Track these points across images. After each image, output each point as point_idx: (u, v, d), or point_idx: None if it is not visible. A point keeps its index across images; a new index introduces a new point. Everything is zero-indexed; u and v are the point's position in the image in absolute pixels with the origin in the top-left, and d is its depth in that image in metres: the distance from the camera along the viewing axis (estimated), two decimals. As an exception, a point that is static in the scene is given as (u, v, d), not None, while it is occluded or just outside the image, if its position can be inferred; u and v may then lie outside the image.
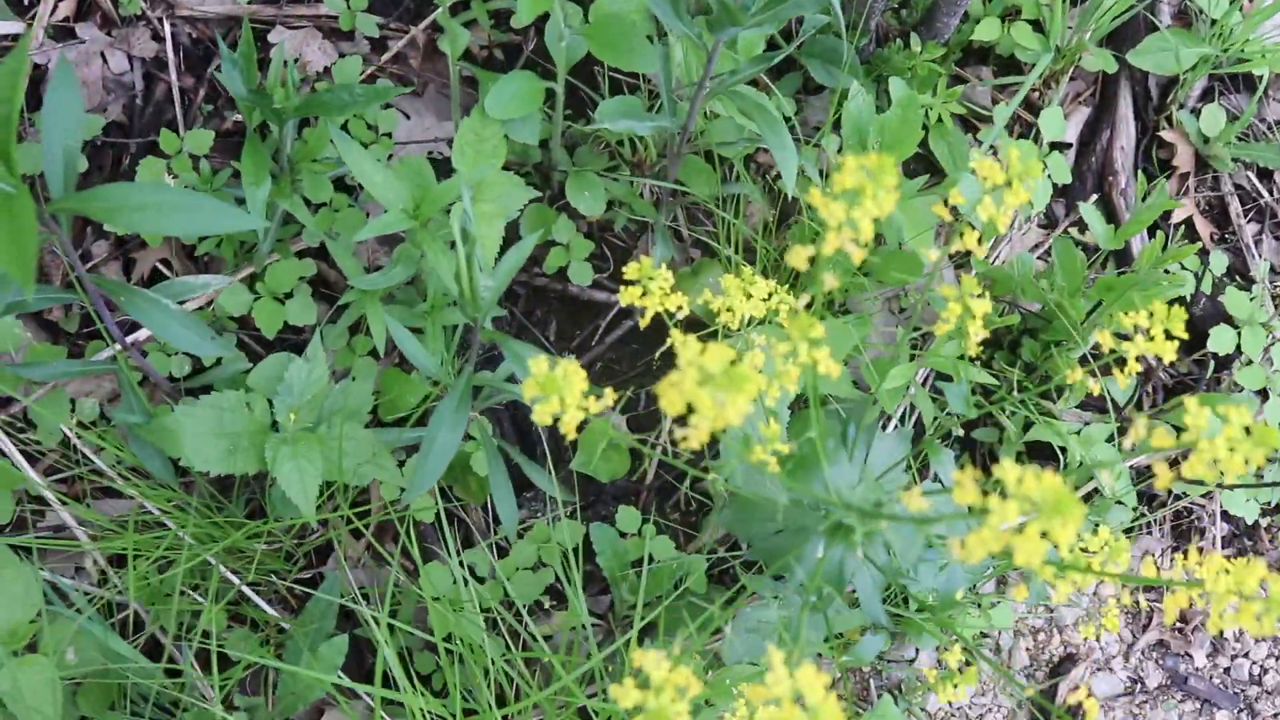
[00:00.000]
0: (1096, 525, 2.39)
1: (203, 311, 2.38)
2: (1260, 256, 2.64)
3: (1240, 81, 2.74)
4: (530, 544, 2.34)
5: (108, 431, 2.24)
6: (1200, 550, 2.53)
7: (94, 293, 1.93)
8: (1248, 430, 1.26)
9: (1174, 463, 2.51)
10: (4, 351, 2.25)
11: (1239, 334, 2.46)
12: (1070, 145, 2.69)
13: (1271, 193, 2.70)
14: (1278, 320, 2.51)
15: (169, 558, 2.14)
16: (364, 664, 2.31)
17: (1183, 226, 2.67)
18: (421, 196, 2.12)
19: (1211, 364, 2.53)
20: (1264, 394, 2.49)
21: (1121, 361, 1.48)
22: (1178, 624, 2.54)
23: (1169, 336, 1.53)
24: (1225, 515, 2.58)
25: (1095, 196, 2.64)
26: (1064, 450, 2.37)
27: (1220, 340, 2.45)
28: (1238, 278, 2.63)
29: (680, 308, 1.58)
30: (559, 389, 1.32)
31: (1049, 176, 2.54)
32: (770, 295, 1.74)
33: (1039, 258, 2.60)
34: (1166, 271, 2.45)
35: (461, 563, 2.28)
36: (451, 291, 2.07)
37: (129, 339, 2.26)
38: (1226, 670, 2.57)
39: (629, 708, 1.28)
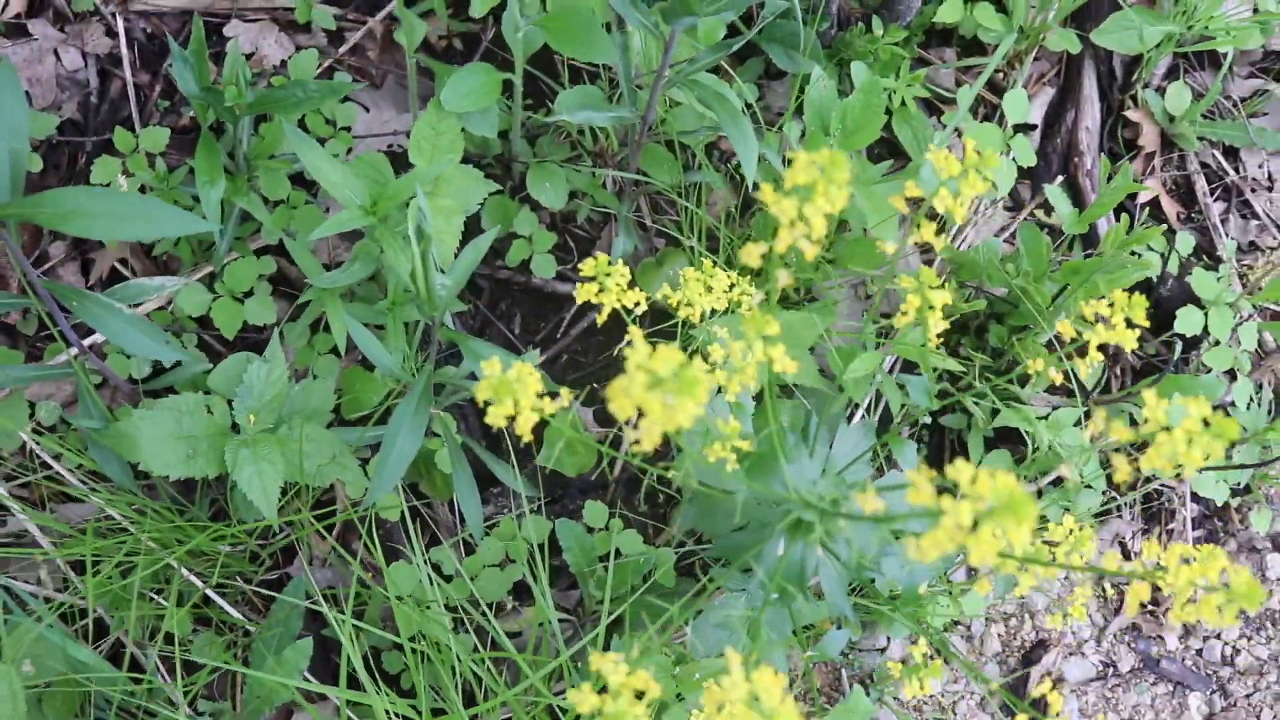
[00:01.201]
0: (1067, 509, 2.39)
1: (161, 313, 2.35)
2: (1227, 235, 2.63)
3: (1205, 59, 2.73)
4: (497, 541, 2.32)
5: (68, 436, 2.21)
6: (1170, 533, 2.53)
7: (48, 297, 1.90)
8: (1206, 423, 1.25)
9: (1141, 447, 2.50)
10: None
11: (1205, 315, 2.45)
12: (1035, 126, 2.67)
13: (1238, 170, 2.69)
14: (1245, 300, 2.50)
15: (131, 563, 2.11)
16: (331, 664, 2.29)
17: (1149, 207, 2.66)
18: (379, 193, 2.09)
19: (1179, 345, 2.52)
20: (1232, 374, 2.48)
21: (1084, 349, 1.47)
22: (1149, 607, 2.53)
23: (1130, 325, 1.52)
24: (1195, 497, 2.57)
25: (1061, 178, 2.62)
26: (1031, 435, 2.36)
27: (1187, 322, 2.44)
28: (1205, 257, 2.62)
29: (638, 304, 1.56)
30: (513, 392, 1.30)
31: (1014, 159, 2.52)
32: (731, 287, 1.72)
33: (1005, 241, 2.59)
34: (1133, 254, 2.44)
35: (427, 560, 2.25)
36: (411, 287, 2.05)
37: (86, 342, 2.23)
38: (1198, 652, 2.57)
39: (587, 713, 1.26)
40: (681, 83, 2.12)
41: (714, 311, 1.73)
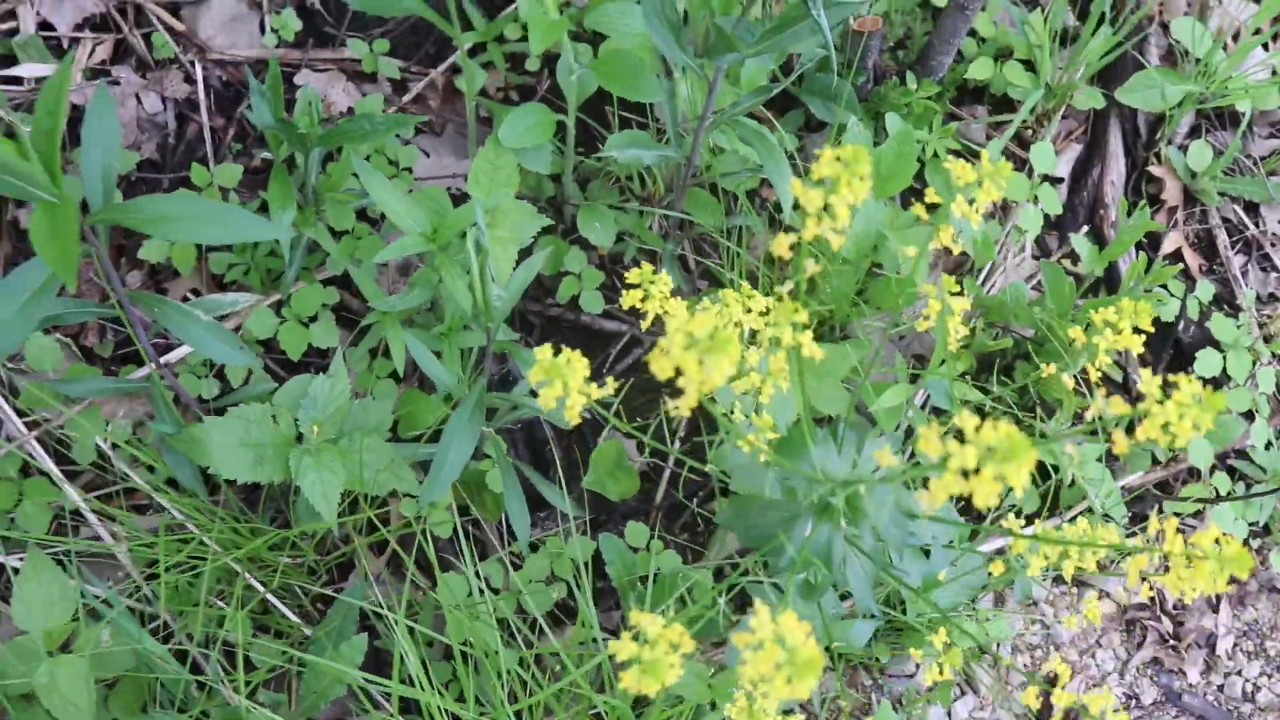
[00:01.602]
0: (1107, 518, 2.47)
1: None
2: (1247, 286, 2.74)
3: (1226, 119, 2.85)
4: (543, 558, 2.44)
5: (141, 448, 2.34)
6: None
7: (130, 310, 2.04)
8: (1198, 399, 1.36)
9: (1163, 487, 2.60)
10: (43, 371, 2.37)
11: (1224, 358, 2.56)
12: (1062, 180, 2.80)
13: (1258, 225, 2.80)
14: (1262, 345, 2.60)
15: (197, 567, 2.24)
16: (383, 675, 2.40)
17: (1172, 258, 2.77)
18: (439, 222, 2.24)
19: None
20: (1250, 415, 2.58)
21: (1104, 378, 1.58)
22: (1171, 641, 2.61)
23: (1137, 331, 1.64)
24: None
25: (1086, 228, 2.74)
26: (1055, 468, 2.46)
27: (1206, 364, 2.55)
28: (1225, 306, 2.73)
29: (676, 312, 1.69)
30: (562, 374, 1.43)
31: (1040, 208, 2.65)
32: (768, 310, 1.84)
33: (1032, 289, 2.70)
34: (1148, 290, 2.55)
35: (478, 573, 2.37)
36: (467, 310, 2.19)
37: (161, 359, 2.37)
38: (1220, 688, 2.64)
39: (625, 659, 1.37)
40: (724, 124, 2.27)
41: (753, 333, 1.85)
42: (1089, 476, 2.44)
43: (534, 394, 2.29)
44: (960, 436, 1.18)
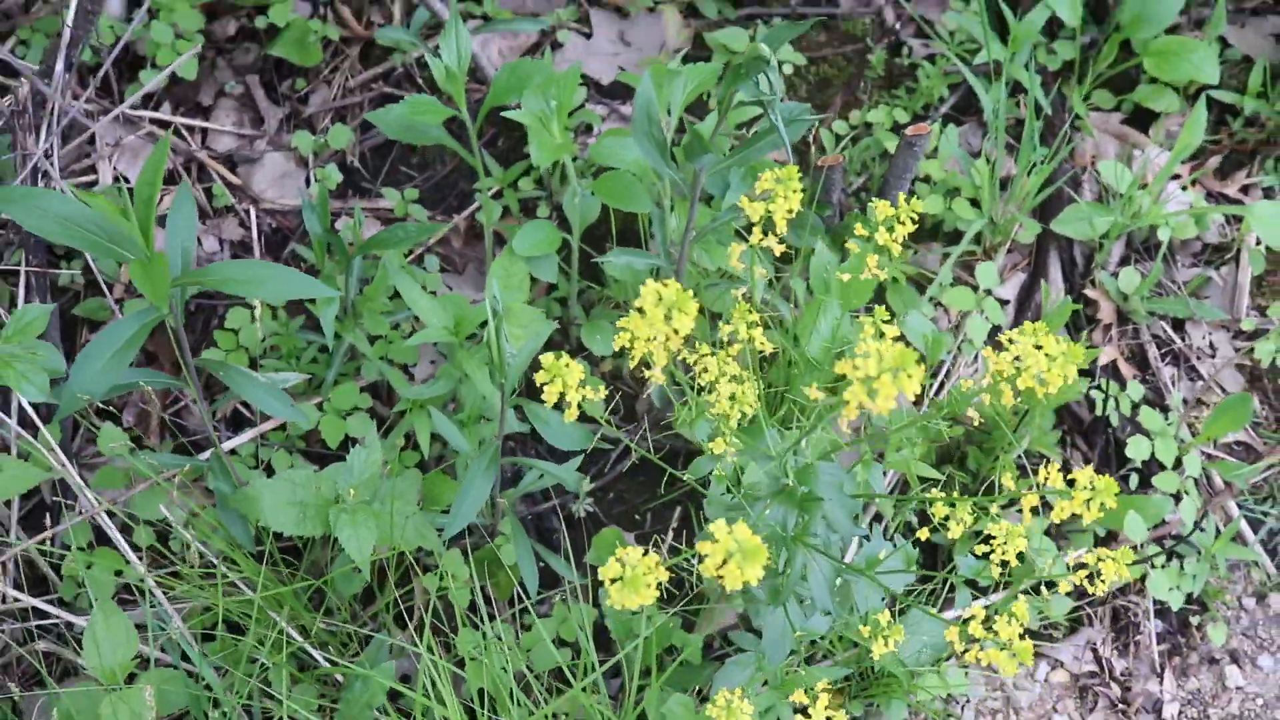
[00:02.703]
0: (1051, 585, 2.75)
1: (277, 432, 2.86)
2: (1175, 390, 3.09)
3: (1152, 249, 3.24)
4: (550, 622, 2.74)
5: (197, 521, 2.67)
6: (1137, 644, 2.90)
7: (196, 384, 2.41)
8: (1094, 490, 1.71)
9: (1102, 540, 2.90)
10: (112, 456, 2.72)
11: (1152, 444, 2.89)
12: (1009, 301, 3.17)
13: (1184, 339, 3.16)
14: (1188, 435, 2.94)
15: (243, 622, 2.55)
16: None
17: (1108, 369, 3.12)
18: (460, 317, 2.62)
19: (1135, 477, 2.95)
20: (1177, 497, 2.90)
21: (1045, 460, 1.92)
22: (1120, 706, 2.87)
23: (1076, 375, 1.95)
24: (1160, 613, 2.94)
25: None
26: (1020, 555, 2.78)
27: (1137, 449, 2.88)
28: (1157, 408, 3.06)
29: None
30: (561, 374, 1.80)
31: (986, 318, 3.02)
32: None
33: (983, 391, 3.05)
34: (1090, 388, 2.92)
35: (492, 630, 2.67)
36: (486, 393, 2.54)
37: (224, 446, 2.72)
38: (1171, 754, 2.90)
39: (610, 577, 1.69)
40: (704, 240, 2.67)
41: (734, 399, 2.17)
42: (1036, 548, 2.75)
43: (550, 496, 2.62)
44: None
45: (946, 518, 2.05)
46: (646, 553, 1.68)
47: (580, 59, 3.37)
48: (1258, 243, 3.20)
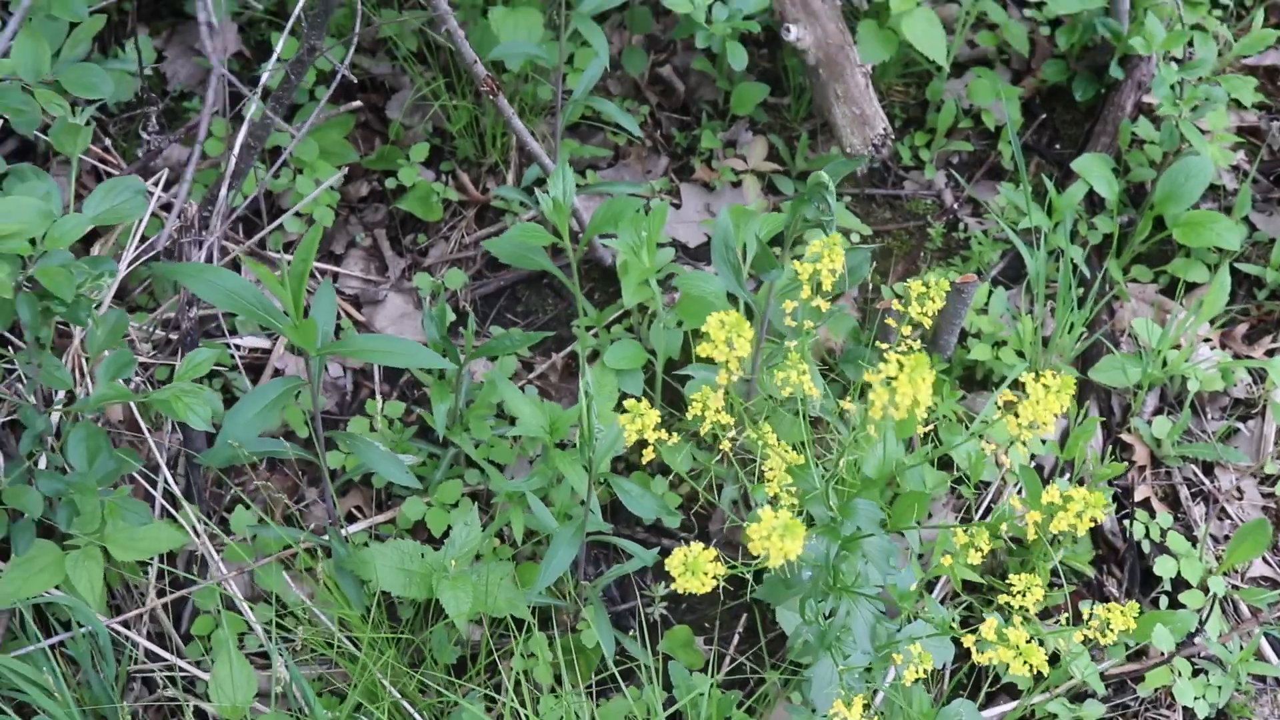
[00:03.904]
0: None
1: (387, 525, 3.22)
2: (1204, 524, 3.36)
3: (1184, 400, 3.55)
4: (624, 699, 3.02)
5: (316, 590, 3.00)
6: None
7: (321, 456, 2.77)
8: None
9: (1133, 653, 3.13)
10: (241, 533, 3.09)
11: (1178, 563, 3.16)
12: (1049, 439, 3.49)
13: (1213, 482, 3.45)
14: (1215, 562, 3.21)
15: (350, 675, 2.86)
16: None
17: (1142, 505, 3.41)
18: (555, 420, 2.99)
19: (1164, 600, 3.21)
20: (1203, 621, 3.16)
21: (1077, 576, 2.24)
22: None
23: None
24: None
25: (1065, 476, 3.42)
26: (1042, 642, 3.04)
27: (1164, 567, 3.15)
28: (1184, 539, 3.33)
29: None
30: (640, 419, 2.15)
31: (1031, 455, 3.34)
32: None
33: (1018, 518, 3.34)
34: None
35: (573, 702, 2.95)
36: (578, 488, 2.89)
37: (343, 533, 3.08)
38: None
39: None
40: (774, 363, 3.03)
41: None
42: (1073, 654, 3.01)
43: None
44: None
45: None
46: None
47: (670, 225, 3.80)
48: (1282, 396, 3.52)
